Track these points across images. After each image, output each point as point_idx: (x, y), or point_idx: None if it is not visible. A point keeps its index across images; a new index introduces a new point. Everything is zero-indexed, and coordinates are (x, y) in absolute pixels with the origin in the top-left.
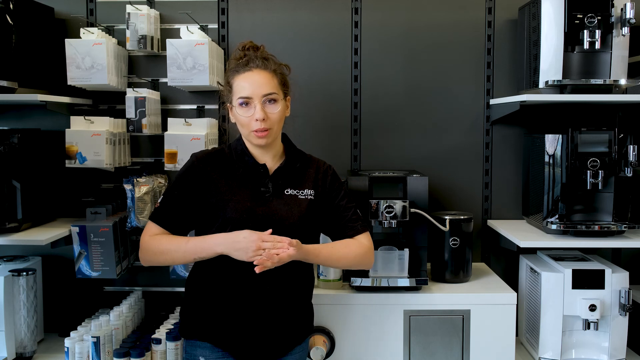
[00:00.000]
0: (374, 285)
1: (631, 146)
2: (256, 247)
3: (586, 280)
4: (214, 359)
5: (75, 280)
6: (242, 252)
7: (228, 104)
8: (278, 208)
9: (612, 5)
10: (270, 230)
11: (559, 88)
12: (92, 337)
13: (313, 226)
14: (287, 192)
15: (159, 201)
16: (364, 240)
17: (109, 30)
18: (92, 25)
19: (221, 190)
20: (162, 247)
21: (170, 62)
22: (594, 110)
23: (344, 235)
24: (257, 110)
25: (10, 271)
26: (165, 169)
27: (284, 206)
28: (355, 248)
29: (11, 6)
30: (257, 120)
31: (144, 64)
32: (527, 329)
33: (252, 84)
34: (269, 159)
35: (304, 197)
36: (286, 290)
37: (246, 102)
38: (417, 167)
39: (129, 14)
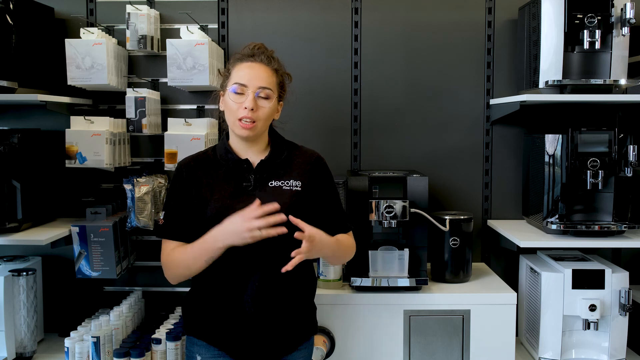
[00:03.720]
0: (374, 285)
1: (631, 146)
2: (244, 228)
3: (586, 280)
4: (209, 357)
5: (75, 280)
6: (236, 236)
7: (221, 92)
8: (260, 202)
9: (612, 5)
10: (257, 201)
11: (559, 88)
12: (92, 337)
13: (301, 219)
14: (271, 184)
15: (161, 217)
16: (352, 238)
17: (109, 30)
18: (92, 25)
19: (202, 191)
20: (176, 260)
21: (170, 62)
22: (594, 110)
23: (334, 233)
24: (248, 99)
25: (10, 271)
26: (165, 169)
27: (266, 199)
28: (351, 242)
29: (11, 6)
30: (245, 108)
31: (144, 64)
32: (527, 329)
33: (250, 73)
34: (253, 153)
35: (288, 188)
36: (284, 291)
37: (241, 89)
38: (417, 167)
39: (129, 14)
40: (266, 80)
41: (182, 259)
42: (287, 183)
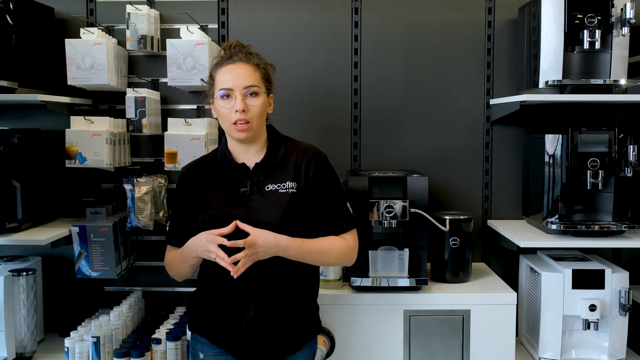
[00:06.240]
0: (374, 285)
1: (631, 146)
2: (204, 247)
3: (586, 280)
4: (212, 355)
5: (75, 280)
6: (200, 251)
7: (210, 100)
8: (257, 207)
9: (612, 5)
10: (233, 224)
11: (559, 88)
12: (92, 337)
13: (300, 222)
14: (268, 188)
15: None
16: (349, 238)
17: (109, 30)
18: (92, 25)
19: (202, 198)
20: (170, 263)
21: (170, 62)
22: (594, 110)
23: (329, 233)
24: (237, 101)
25: (10, 271)
26: (165, 169)
27: (264, 204)
28: (339, 245)
29: (11, 6)
30: (237, 111)
31: (144, 64)
32: (527, 329)
33: (233, 76)
34: (252, 155)
35: (284, 190)
36: (286, 291)
37: (227, 93)
38: (417, 167)
39: (129, 14)
40: (250, 79)
41: (173, 263)
42: (283, 186)
